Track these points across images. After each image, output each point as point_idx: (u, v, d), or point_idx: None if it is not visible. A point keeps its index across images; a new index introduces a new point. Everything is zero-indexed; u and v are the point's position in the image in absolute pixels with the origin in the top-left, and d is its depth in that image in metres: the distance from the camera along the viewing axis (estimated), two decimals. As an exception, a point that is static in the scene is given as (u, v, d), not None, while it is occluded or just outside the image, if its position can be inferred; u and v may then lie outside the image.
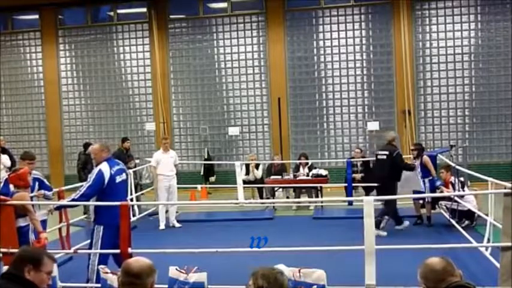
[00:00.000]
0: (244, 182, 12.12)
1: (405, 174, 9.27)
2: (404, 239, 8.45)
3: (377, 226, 8.82)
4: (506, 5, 14.25)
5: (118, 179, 6.12)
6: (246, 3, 15.78)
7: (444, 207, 9.60)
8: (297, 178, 11.98)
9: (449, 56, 14.59)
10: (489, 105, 14.54)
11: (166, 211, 10.43)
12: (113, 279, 4.71)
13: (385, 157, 9.17)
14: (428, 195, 9.43)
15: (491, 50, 14.50)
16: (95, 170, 6.00)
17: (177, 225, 10.33)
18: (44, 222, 6.74)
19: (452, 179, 9.32)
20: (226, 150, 15.88)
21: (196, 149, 15.97)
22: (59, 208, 6.75)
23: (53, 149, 16.56)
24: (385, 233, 8.88)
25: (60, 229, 7.31)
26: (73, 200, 6.04)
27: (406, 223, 9.18)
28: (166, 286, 4.88)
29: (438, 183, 9.47)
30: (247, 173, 12.64)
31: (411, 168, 9.41)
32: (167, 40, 15.91)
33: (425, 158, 9.66)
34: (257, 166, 12.88)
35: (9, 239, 5.71)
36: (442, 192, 9.16)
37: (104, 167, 5.98)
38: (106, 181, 5.93)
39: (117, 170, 6.12)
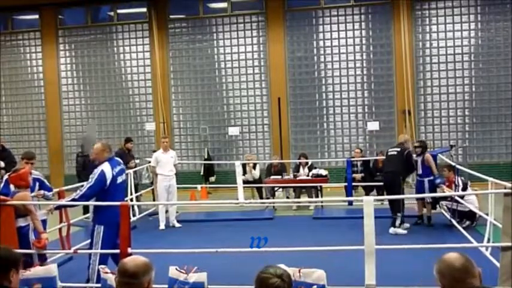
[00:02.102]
0: (243, 182, 12.11)
1: None
2: (405, 239, 8.47)
3: (393, 224, 8.88)
4: (506, 5, 14.25)
5: (119, 179, 6.11)
6: (246, 3, 15.78)
7: (445, 207, 9.60)
8: (297, 178, 11.97)
9: (449, 56, 14.59)
10: (489, 105, 14.54)
11: (166, 211, 10.43)
12: (112, 279, 4.69)
13: (395, 153, 9.32)
14: (429, 195, 9.43)
15: (491, 50, 14.50)
16: (97, 171, 5.92)
17: (177, 225, 10.32)
18: (43, 222, 6.73)
19: (456, 179, 9.28)
20: (226, 150, 15.88)
21: (196, 149, 15.97)
22: (59, 208, 6.74)
23: (53, 149, 16.56)
24: (405, 231, 8.90)
25: (60, 229, 7.31)
26: (73, 200, 6.02)
27: (402, 231, 8.99)
28: (166, 286, 4.87)
29: (438, 181, 9.42)
30: (244, 173, 12.61)
31: (412, 169, 9.59)
32: (167, 40, 15.91)
33: (428, 156, 9.62)
34: (254, 166, 12.87)
35: (9, 239, 5.71)
36: (443, 190, 9.16)
37: (106, 168, 5.93)
38: (108, 182, 5.90)
39: (118, 170, 6.10)
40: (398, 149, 9.34)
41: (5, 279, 2.81)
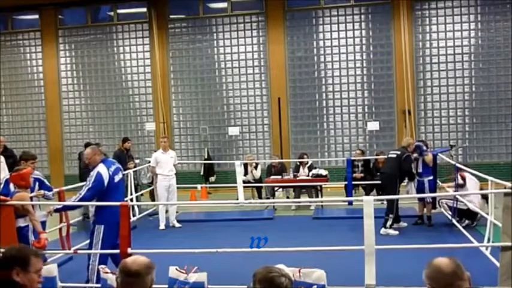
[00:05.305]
0: (244, 182, 12.11)
1: None
2: (405, 239, 8.47)
3: (384, 225, 8.89)
4: (506, 5, 14.24)
5: (116, 178, 6.14)
6: (246, 3, 15.78)
7: (445, 205, 9.61)
8: (297, 178, 11.97)
9: (449, 56, 14.58)
10: (489, 105, 14.53)
11: (166, 211, 10.43)
12: (113, 279, 4.69)
13: (395, 156, 9.39)
14: (429, 194, 9.44)
15: (491, 50, 14.49)
16: (93, 173, 5.98)
17: (177, 225, 10.32)
18: (43, 223, 6.73)
19: (456, 176, 9.28)
20: (226, 150, 15.88)
21: (196, 149, 15.97)
22: (59, 211, 6.74)
23: (53, 149, 16.56)
24: (396, 232, 8.89)
25: (60, 229, 7.31)
26: (73, 202, 6.06)
27: (394, 232, 8.96)
28: (166, 286, 4.87)
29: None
30: (246, 173, 12.60)
31: (411, 177, 9.59)
32: (167, 40, 15.90)
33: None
34: (256, 166, 12.87)
35: (9, 239, 5.70)
36: (444, 189, 9.21)
37: (102, 169, 5.98)
38: (106, 182, 5.94)
39: (114, 169, 6.13)
40: (399, 152, 9.40)
41: (7, 276, 2.84)
